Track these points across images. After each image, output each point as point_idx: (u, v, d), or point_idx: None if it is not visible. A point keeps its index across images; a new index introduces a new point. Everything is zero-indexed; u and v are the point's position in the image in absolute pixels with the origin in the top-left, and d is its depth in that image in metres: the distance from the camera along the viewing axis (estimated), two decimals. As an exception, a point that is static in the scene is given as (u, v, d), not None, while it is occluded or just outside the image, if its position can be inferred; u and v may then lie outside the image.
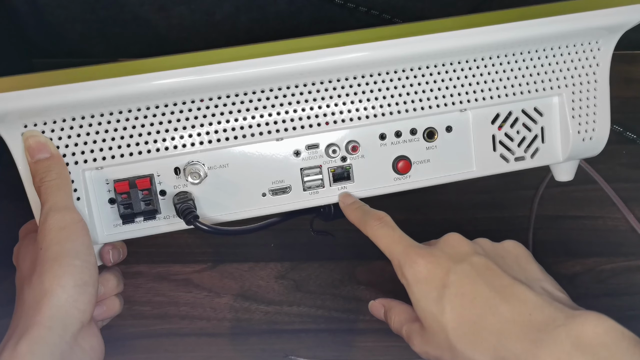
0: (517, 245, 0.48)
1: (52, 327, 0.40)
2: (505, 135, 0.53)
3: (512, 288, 0.43)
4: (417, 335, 0.46)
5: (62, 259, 0.41)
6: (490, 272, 0.44)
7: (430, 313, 0.44)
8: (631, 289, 0.63)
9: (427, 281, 0.44)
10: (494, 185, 0.67)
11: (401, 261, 0.46)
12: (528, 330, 0.40)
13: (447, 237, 0.47)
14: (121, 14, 0.70)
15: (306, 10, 0.71)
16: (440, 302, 0.44)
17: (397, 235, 0.47)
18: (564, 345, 0.38)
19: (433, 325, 0.44)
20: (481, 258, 0.45)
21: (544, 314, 0.41)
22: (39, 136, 0.45)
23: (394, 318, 0.50)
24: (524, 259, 0.47)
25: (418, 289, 0.45)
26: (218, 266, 0.63)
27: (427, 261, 0.45)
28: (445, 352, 0.44)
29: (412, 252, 0.46)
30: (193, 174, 0.48)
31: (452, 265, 0.44)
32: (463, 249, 0.46)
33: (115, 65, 0.45)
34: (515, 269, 0.46)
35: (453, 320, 0.43)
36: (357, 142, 0.51)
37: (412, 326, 0.47)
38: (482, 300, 0.43)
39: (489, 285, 0.43)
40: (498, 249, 0.47)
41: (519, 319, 0.41)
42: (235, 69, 0.46)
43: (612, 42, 0.53)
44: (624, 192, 0.68)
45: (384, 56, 0.48)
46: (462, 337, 0.42)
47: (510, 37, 0.49)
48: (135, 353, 0.59)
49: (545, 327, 0.40)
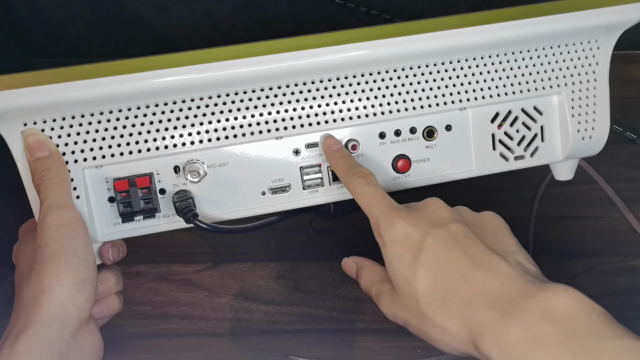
0: (495, 217, 0.48)
1: (50, 325, 0.40)
2: (504, 134, 0.53)
3: (487, 257, 0.42)
4: (387, 296, 0.46)
5: (60, 257, 0.41)
6: (467, 240, 0.44)
7: (402, 275, 0.44)
8: (631, 289, 0.63)
9: (403, 243, 0.44)
10: (494, 185, 0.67)
11: (379, 220, 0.45)
12: (498, 300, 0.40)
13: (428, 201, 0.47)
14: (121, 14, 0.70)
15: (306, 10, 0.72)
16: (414, 265, 0.43)
17: (378, 194, 0.47)
18: (532, 315, 0.38)
19: (404, 288, 0.44)
20: (459, 225, 0.44)
21: (515, 285, 0.40)
22: (39, 134, 0.45)
23: (365, 277, 0.49)
24: (501, 230, 0.47)
25: (393, 250, 0.44)
26: (218, 266, 0.63)
27: (405, 222, 0.44)
28: (413, 316, 0.43)
29: (391, 212, 0.45)
30: (193, 172, 0.48)
31: (430, 230, 0.44)
32: (443, 214, 0.45)
33: (115, 64, 0.45)
34: (491, 239, 0.45)
35: (424, 285, 0.43)
36: (357, 141, 0.51)
37: (383, 286, 0.47)
38: (456, 267, 0.42)
39: (464, 252, 0.43)
40: (477, 219, 0.47)
41: (490, 288, 0.41)
42: (235, 67, 0.46)
43: (612, 41, 0.53)
44: (624, 192, 0.68)
45: (384, 54, 0.48)
46: (432, 303, 0.42)
47: (510, 35, 0.49)
48: (135, 353, 0.59)
49: (516, 297, 0.39)
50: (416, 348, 0.59)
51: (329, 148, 0.50)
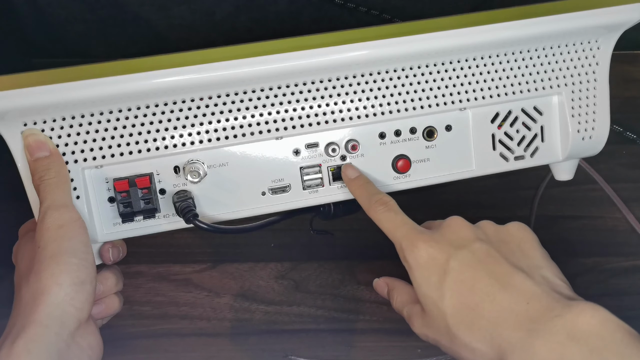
0: (521, 228, 0.48)
1: (49, 325, 0.40)
2: (504, 134, 0.53)
3: (512, 276, 0.43)
4: (418, 318, 0.47)
5: (59, 257, 0.41)
6: (491, 259, 0.44)
7: (430, 298, 0.44)
8: (631, 289, 0.63)
9: (428, 266, 0.45)
10: (494, 185, 0.67)
11: (403, 245, 0.46)
12: (524, 319, 0.40)
13: (450, 221, 0.47)
14: (121, 14, 0.70)
15: (306, 10, 0.71)
16: (440, 287, 0.44)
17: (399, 219, 0.47)
18: (558, 335, 0.38)
19: (433, 310, 0.44)
20: (482, 244, 0.45)
21: (541, 304, 0.41)
22: (39, 134, 0.45)
23: (397, 298, 0.50)
24: (528, 243, 0.47)
25: (419, 273, 0.45)
26: (218, 266, 0.63)
27: (428, 245, 0.45)
28: (444, 337, 0.44)
29: (414, 236, 0.46)
30: (193, 172, 0.48)
31: (453, 251, 0.45)
32: (465, 234, 0.46)
33: (115, 64, 0.45)
34: (517, 254, 0.45)
35: (452, 307, 0.43)
36: (357, 141, 0.51)
37: (414, 308, 0.47)
38: (481, 287, 0.43)
39: (489, 272, 0.43)
40: (501, 233, 0.47)
41: (516, 308, 0.41)
42: (235, 67, 0.46)
43: (612, 41, 0.53)
44: (624, 192, 0.68)
45: (384, 55, 0.48)
46: (460, 324, 0.43)
47: (510, 35, 0.49)
48: (135, 353, 0.59)
49: (542, 317, 0.40)
50: (416, 348, 0.59)
51: (348, 177, 0.51)
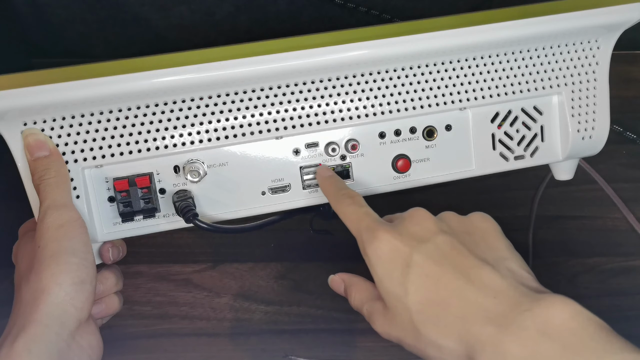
0: (484, 218, 0.46)
1: (49, 325, 0.40)
2: (504, 134, 0.53)
3: (478, 270, 0.41)
4: (379, 315, 0.44)
5: (59, 257, 0.41)
6: (456, 252, 0.42)
7: (393, 293, 0.42)
8: (631, 289, 0.63)
9: (390, 259, 0.43)
10: (494, 185, 0.67)
11: (364, 237, 0.44)
12: (493, 314, 0.39)
13: (412, 212, 0.45)
14: (121, 14, 0.70)
15: (306, 10, 0.72)
16: (404, 282, 0.42)
17: (362, 211, 0.45)
18: (529, 331, 0.37)
19: (396, 305, 0.42)
20: (446, 237, 0.43)
21: (509, 298, 0.39)
22: (39, 134, 0.45)
23: (355, 295, 0.47)
24: (492, 234, 0.45)
25: (380, 267, 0.43)
26: (218, 266, 0.63)
27: (390, 236, 0.43)
28: (408, 334, 0.42)
29: (375, 227, 0.44)
30: (192, 172, 0.48)
31: (416, 244, 0.43)
32: (428, 226, 0.44)
33: (115, 64, 0.45)
34: (481, 246, 0.44)
35: (417, 303, 0.41)
36: (357, 141, 0.51)
37: (374, 305, 0.45)
38: (447, 282, 0.41)
39: (454, 266, 0.41)
40: (465, 224, 0.45)
41: (483, 302, 0.39)
42: (235, 67, 0.46)
43: (612, 41, 0.53)
44: (624, 192, 0.68)
45: (384, 54, 0.48)
46: (426, 321, 0.41)
47: (510, 35, 0.49)
48: (135, 353, 0.59)
49: (511, 311, 0.38)
50: (416, 348, 0.59)
51: (320, 176, 0.50)
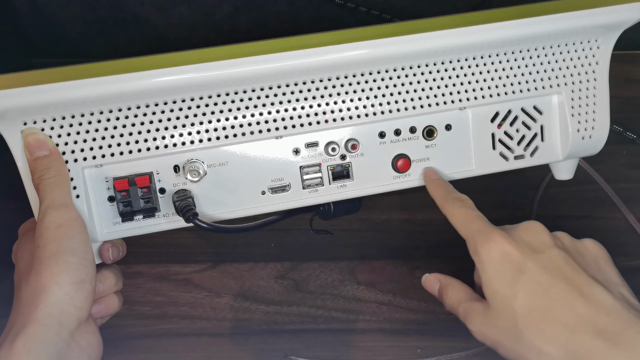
0: (597, 245, 0.47)
1: (48, 325, 0.40)
2: (504, 134, 0.53)
3: (591, 287, 0.42)
4: (478, 315, 0.45)
5: (59, 257, 0.41)
6: (569, 267, 0.43)
7: (500, 294, 0.43)
8: (631, 289, 0.63)
9: (503, 262, 0.44)
10: (494, 185, 0.67)
11: (477, 237, 0.45)
12: (605, 330, 0.39)
13: (528, 224, 0.46)
14: (121, 14, 0.70)
15: (306, 10, 0.72)
16: (514, 285, 0.43)
17: (475, 214, 0.47)
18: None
19: (501, 307, 0.43)
20: (561, 252, 0.44)
21: (622, 319, 0.40)
22: (38, 134, 0.45)
23: (451, 295, 0.48)
24: (603, 260, 0.46)
25: (492, 267, 0.44)
26: (218, 266, 0.63)
27: (505, 241, 0.44)
28: (508, 337, 0.43)
29: (490, 231, 0.45)
30: (192, 171, 0.48)
31: (531, 253, 0.44)
32: (543, 239, 0.45)
33: (115, 63, 0.45)
34: (593, 268, 0.45)
35: (525, 306, 0.42)
36: (357, 140, 0.51)
37: (473, 305, 0.46)
38: (558, 292, 0.42)
39: (567, 279, 0.42)
40: (578, 246, 0.46)
41: (595, 317, 0.40)
42: (235, 66, 0.46)
43: (612, 41, 0.53)
44: (624, 192, 0.68)
45: (384, 54, 0.48)
46: (532, 325, 0.42)
47: (510, 35, 0.49)
48: (135, 353, 0.59)
49: (624, 331, 0.39)
50: (416, 348, 0.59)
51: (429, 178, 0.51)
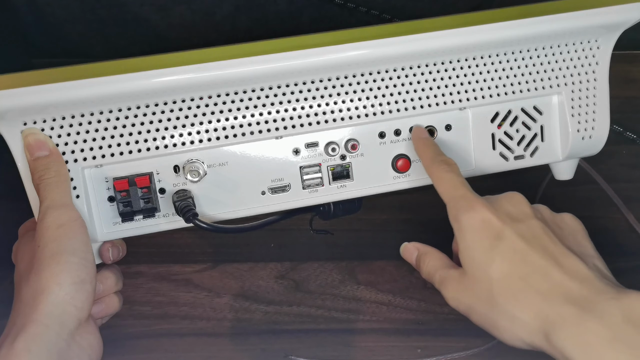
0: (575, 219, 0.48)
1: (48, 325, 0.40)
2: (504, 134, 0.53)
3: (566, 257, 0.43)
4: (453, 281, 0.46)
5: (59, 257, 0.41)
6: (547, 237, 0.44)
7: (477, 260, 0.44)
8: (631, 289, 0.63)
9: (482, 229, 0.44)
10: (494, 185, 0.66)
11: (458, 204, 0.45)
12: (578, 297, 0.40)
13: (510, 194, 0.47)
14: (121, 14, 0.70)
15: (306, 10, 0.72)
16: (491, 252, 0.43)
17: (460, 180, 0.47)
18: (614, 316, 0.38)
19: (477, 273, 0.44)
20: (539, 222, 0.45)
21: (594, 286, 0.41)
22: (38, 134, 0.45)
23: (429, 262, 0.49)
24: (580, 234, 0.47)
25: (470, 234, 0.44)
26: (218, 266, 0.63)
27: (486, 209, 0.44)
28: (482, 303, 0.43)
29: (472, 198, 0.45)
30: (192, 172, 0.48)
31: (510, 222, 0.44)
32: (524, 209, 0.46)
33: (115, 63, 0.45)
34: (570, 240, 0.45)
35: (500, 272, 0.43)
36: (357, 141, 0.51)
37: (449, 272, 0.47)
38: (534, 260, 0.42)
39: (543, 248, 0.43)
40: (556, 219, 0.47)
41: (568, 284, 0.41)
42: (235, 67, 0.46)
43: (612, 41, 0.53)
44: (624, 192, 0.68)
45: (384, 54, 0.48)
46: (506, 291, 0.42)
47: (510, 35, 0.49)
48: (135, 353, 0.59)
49: (596, 297, 0.40)
50: (416, 348, 0.59)
51: (417, 136, 0.51)
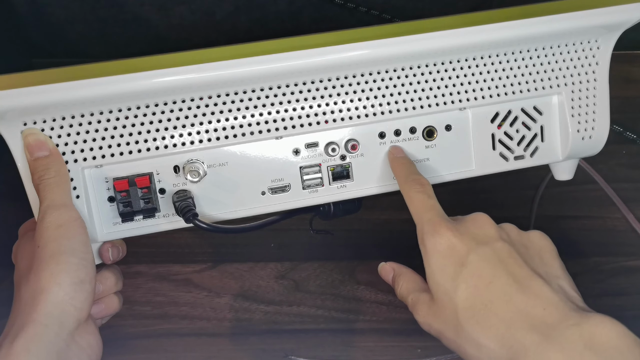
0: (542, 237, 0.48)
1: (48, 325, 0.40)
2: (504, 134, 0.53)
3: (530, 280, 0.42)
4: (424, 306, 0.46)
5: (58, 257, 0.41)
6: (512, 260, 0.44)
7: (443, 287, 0.44)
8: (631, 289, 0.63)
9: (446, 255, 0.44)
10: (494, 185, 0.67)
11: (425, 228, 0.45)
12: (540, 324, 0.40)
13: (475, 216, 0.47)
14: (121, 14, 0.70)
15: (306, 10, 0.72)
16: (456, 279, 0.43)
17: (430, 203, 0.47)
18: (576, 344, 0.38)
19: (444, 299, 0.44)
20: (505, 244, 0.45)
21: (557, 311, 0.40)
22: (38, 134, 0.45)
23: (402, 284, 0.49)
24: (548, 253, 0.47)
25: (435, 260, 0.44)
26: (218, 266, 0.63)
27: (451, 234, 0.44)
28: (450, 329, 0.43)
29: (438, 222, 0.45)
30: (192, 172, 0.48)
31: (475, 246, 0.44)
32: (489, 231, 0.46)
33: (115, 63, 0.45)
34: (536, 261, 0.45)
35: (465, 300, 0.43)
36: (357, 141, 0.51)
37: (420, 296, 0.47)
38: (498, 286, 0.42)
39: (508, 273, 0.43)
40: (523, 238, 0.47)
41: (532, 311, 0.41)
42: (235, 67, 0.46)
43: (612, 41, 0.53)
44: (624, 192, 0.68)
45: (384, 54, 0.48)
46: (471, 319, 0.42)
47: (510, 35, 0.49)
48: (135, 353, 0.59)
49: (559, 324, 0.40)
50: (416, 348, 0.59)
51: (393, 155, 0.51)
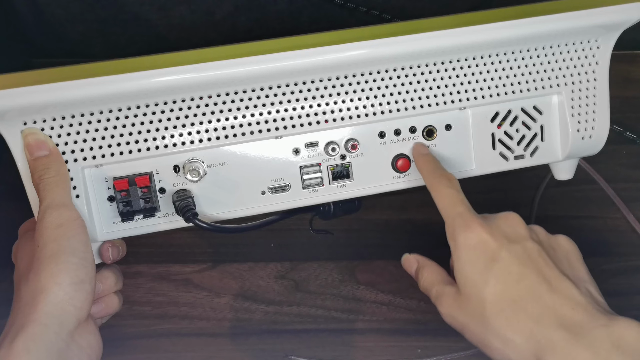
0: (569, 241, 0.48)
1: (48, 325, 0.40)
2: (504, 134, 0.53)
3: (559, 281, 0.43)
4: (449, 298, 0.46)
5: (58, 257, 0.41)
6: (542, 260, 0.44)
7: (472, 280, 0.44)
8: (631, 289, 0.63)
9: (478, 249, 0.44)
10: (494, 185, 0.67)
11: (456, 222, 0.46)
12: (568, 322, 0.41)
13: (507, 215, 0.47)
14: (121, 14, 0.70)
15: (306, 10, 0.72)
16: (486, 273, 0.44)
17: (460, 197, 0.47)
18: (604, 343, 0.39)
19: (471, 293, 0.44)
20: (535, 244, 0.45)
21: (586, 312, 0.41)
22: (38, 134, 0.45)
23: (426, 276, 0.49)
24: (574, 256, 0.47)
25: (466, 254, 0.45)
26: (218, 266, 0.63)
27: (483, 230, 0.45)
28: (475, 323, 0.44)
29: (470, 217, 0.46)
30: (192, 171, 0.48)
31: (506, 243, 0.45)
32: (520, 230, 0.46)
33: (115, 63, 0.45)
34: (564, 263, 0.46)
35: (494, 294, 0.43)
36: (357, 140, 0.51)
37: (445, 288, 0.47)
38: (528, 283, 0.43)
39: (538, 272, 0.44)
40: (551, 241, 0.48)
41: (561, 310, 0.42)
42: (235, 66, 0.46)
43: (611, 41, 0.53)
44: (624, 192, 0.68)
45: (384, 54, 0.48)
46: (499, 313, 0.43)
47: (510, 35, 0.49)
48: (135, 353, 0.59)
49: (587, 324, 0.41)
50: (416, 348, 0.59)
51: (418, 152, 0.51)
